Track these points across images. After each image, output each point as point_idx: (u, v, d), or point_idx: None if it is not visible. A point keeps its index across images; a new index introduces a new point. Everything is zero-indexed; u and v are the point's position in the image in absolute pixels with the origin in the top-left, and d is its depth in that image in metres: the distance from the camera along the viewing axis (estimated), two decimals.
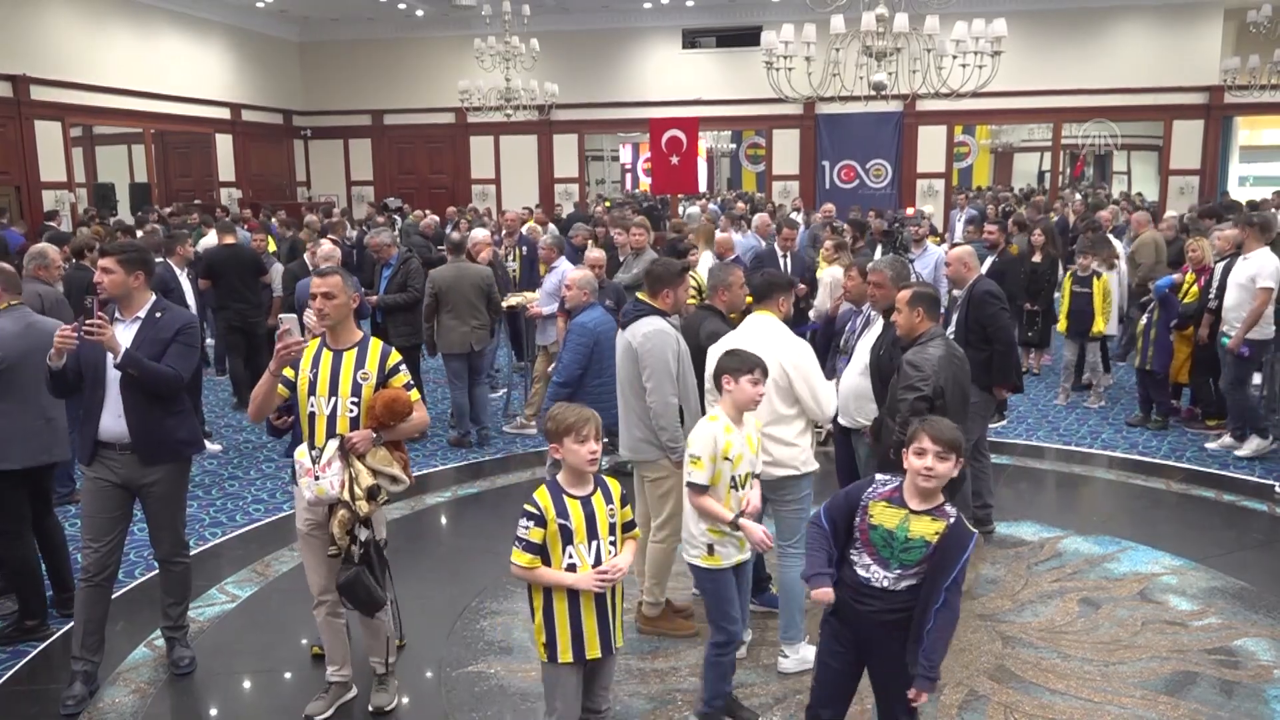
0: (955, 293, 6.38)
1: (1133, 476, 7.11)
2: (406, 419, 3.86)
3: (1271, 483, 6.70)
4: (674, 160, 15.02)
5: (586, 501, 3.26)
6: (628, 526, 3.38)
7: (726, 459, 3.70)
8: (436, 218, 15.07)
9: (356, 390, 3.81)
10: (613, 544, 3.28)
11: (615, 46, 20.23)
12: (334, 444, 3.73)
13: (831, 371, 5.52)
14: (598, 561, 3.23)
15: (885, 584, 3.05)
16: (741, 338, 4.38)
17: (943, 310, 5.73)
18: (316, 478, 3.70)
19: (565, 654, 3.25)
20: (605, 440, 5.86)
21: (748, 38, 17.57)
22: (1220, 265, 7.54)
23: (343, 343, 3.89)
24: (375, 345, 3.92)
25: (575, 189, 20.88)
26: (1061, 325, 9.08)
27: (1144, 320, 8.06)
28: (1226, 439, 7.53)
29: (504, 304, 8.53)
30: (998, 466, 7.01)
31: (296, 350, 3.71)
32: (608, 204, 17.65)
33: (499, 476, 7.34)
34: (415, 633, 4.66)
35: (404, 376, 3.90)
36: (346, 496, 3.71)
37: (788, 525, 4.41)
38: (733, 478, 3.73)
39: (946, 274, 6.34)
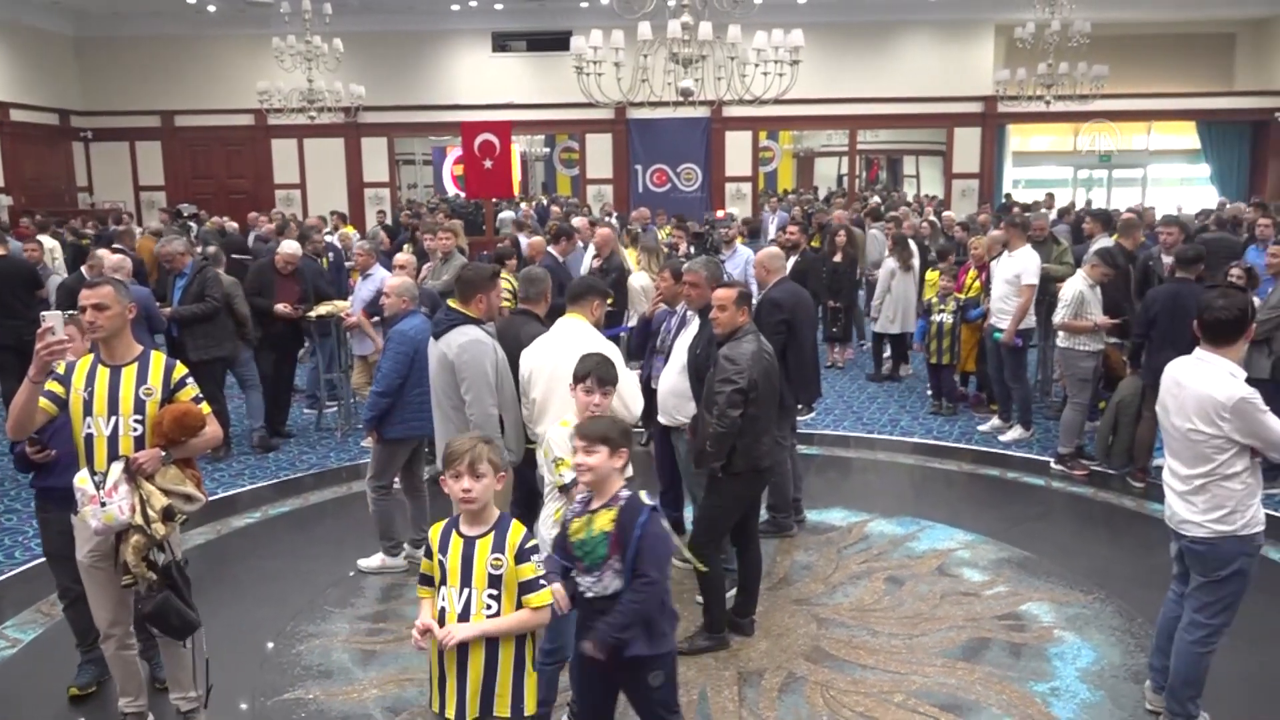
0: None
1: (929, 460, 7.62)
2: (198, 434, 3.65)
3: (1048, 459, 7.33)
4: (487, 164, 14.89)
5: (470, 543, 2.93)
6: (528, 588, 2.93)
7: (560, 472, 3.71)
8: (235, 224, 14.30)
9: (140, 407, 3.57)
10: (494, 598, 2.90)
11: (424, 48, 19.84)
12: (119, 466, 3.48)
13: (650, 373, 5.62)
14: (466, 613, 2.89)
15: (598, 591, 3.14)
16: (550, 340, 4.40)
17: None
18: (103, 504, 3.43)
19: (432, 701, 3.03)
20: (426, 451, 5.83)
21: (557, 42, 17.66)
22: (995, 262, 8.18)
23: (120, 358, 3.62)
24: (158, 358, 3.68)
25: (386, 194, 20.32)
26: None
27: (938, 320, 8.64)
28: (995, 421, 8.22)
29: (314, 313, 8.21)
30: (808, 457, 7.36)
31: (59, 351, 3.27)
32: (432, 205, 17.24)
33: (312, 493, 7.05)
34: (226, 662, 4.40)
35: (192, 390, 3.68)
36: (139, 520, 3.46)
37: None
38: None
39: (754, 274, 6.56)
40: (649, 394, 5.20)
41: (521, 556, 2.93)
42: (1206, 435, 3.58)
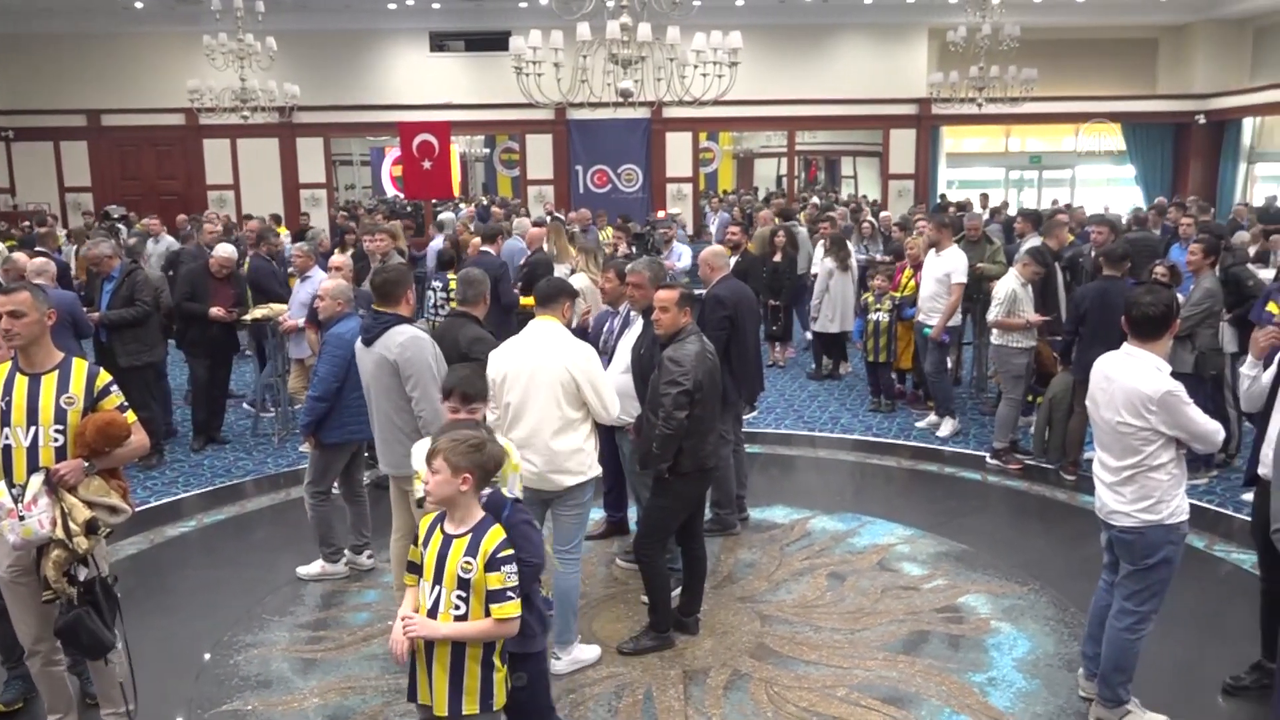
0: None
1: (869, 456, 7.73)
2: (124, 443, 3.56)
3: (984, 454, 7.48)
4: (426, 165, 14.74)
5: (448, 541, 2.95)
6: (495, 597, 2.90)
7: None
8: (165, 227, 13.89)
9: (61, 417, 3.47)
10: (462, 600, 2.90)
11: (360, 48, 19.56)
12: (38, 478, 3.37)
13: None
14: (434, 610, 2.93)
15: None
16: (524, 342, 4.37)
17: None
18: (21, 518, 3.33)
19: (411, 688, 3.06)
20: (365, 455, 5.75)
21: (496, 42, 17.51)
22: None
23: (40, 365, 3.52)
24: (80, 366, 3.58)
25: (323, 194, 19.99)
26: None
27: (875, 319, 8.77)
28: (932, 417, 8.37)
29: (249, 316, 8.06)
30: (750, 455, 7.41)
31: None
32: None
33: (249, 500, 6.92)
34: (160, 675, 4.30)
35: (116, 398, 3.59)
36: (60, 534, 3.36)
37: (566, 530, 4.44)
38: None
39: (699, 273, 6.55)
40: None
41: (492, 565, 2.91)
42: (1134, 428, 3.69)
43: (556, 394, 4.21)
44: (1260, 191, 19.21)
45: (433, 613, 2.93)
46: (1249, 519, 5.96)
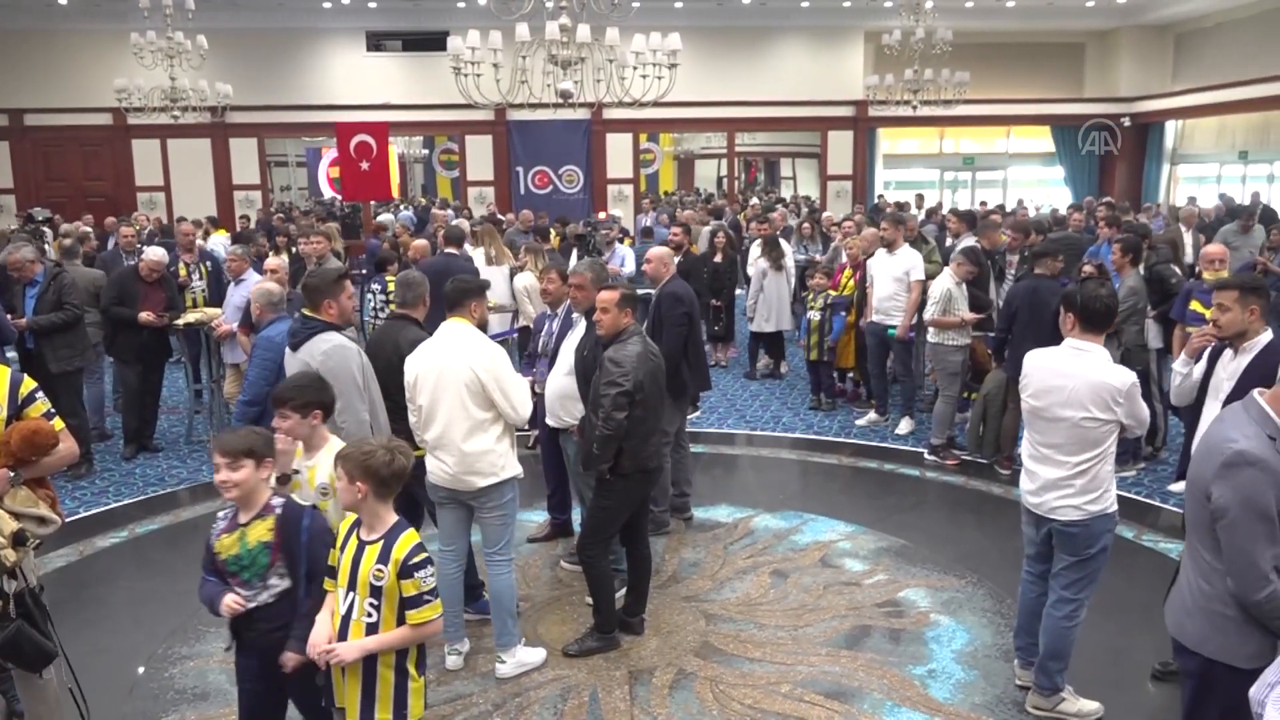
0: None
1: (810, 455, 7.82)
2: (51, 452, 3.46)
3: (922, 451, 7.62)
4: (364, 166, 14.57)
5: (361, 548, 2.96)
6: (411, 603, 2.90)
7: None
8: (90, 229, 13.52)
9: None
10: (374, 608, 2.91)
11: (295, 47, 19.23)
12: None
13: (531, 376, 5.59)
14: (348, 617, 2.95)
15: (259, 601, 3.11)
16: (434, 345, 4.34)
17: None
18: None
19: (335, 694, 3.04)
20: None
21: (434, 42, 17.33)
22: (870, 261, 8.43)
23: None
24: (1, 373, 3.47)
25: (258, 196, 19.61)
26: None
27: (816, 318, 8.86)
28: (872, 415, 8.50)
29: (182, 321, 7.87)
30: (694, 455, 7.44)
31: None
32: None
33: (184, 509, 6.76)
34: (92, 691, 4.16)
35: (42, 405, 3.49)
36: None
37: (491, 533, 4.41)
38: None
39: (646, 271, 6.53)
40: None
41: (405, 572, 2.91)
42: (1100, 421, 3.72)
43: (463, 395, 4.19)
44: (1183, 192, 19.86)
45: (346, 619, 2.95)
46: (1177, 509, 6.18)
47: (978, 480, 7.05)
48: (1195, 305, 6.33)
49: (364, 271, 11.32)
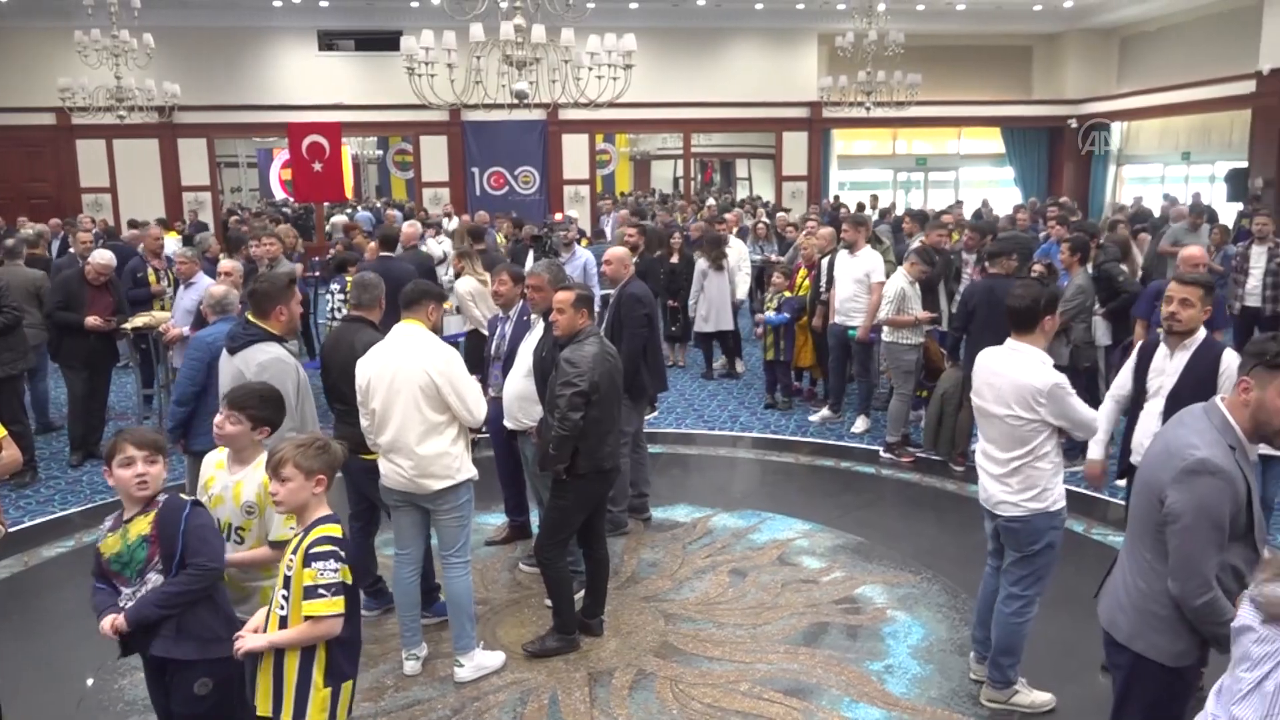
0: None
1: (768, 453, 7.86)
2: None
3: (877, 448, 7.69)
4: (317, 167, 14.40)
5: (288, 542, 3.00)
6: (307, 594, 2.84)
7: (207, 495, 3.46)
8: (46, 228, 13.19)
9: None
10: (285, 599, 2.88)
11: (245, 46, 18.93)
12: None
13: (486, 379, 5.55)
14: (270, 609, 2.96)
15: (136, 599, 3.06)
16: (386, 347, 4.30)
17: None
18: None
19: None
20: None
21: (387, 42, 17.18)
22: (825, 261, 8.49)
23: None
24: None
25: (208, 197, 19.27)
26: None
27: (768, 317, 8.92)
28: (825, 412, 8.57)
29: (130, 324, 7.72)
30: (651, 455, 7.45)
31: None
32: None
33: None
34: (39, 704, 4.09)
35: None
36: None
37: (447, 535, 4.38)
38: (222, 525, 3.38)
39: (605, 271, 6.51)
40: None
41: (306, 560, 2.86)
42: (1025, 420, 3.82)
43: (417, 398, 4.15)
44: (1128, 192, 20.29)
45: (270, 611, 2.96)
46: (1125, 503, 6.29)
47: (932, 477, 7.14)
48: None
49: (317, 274, 11.20)
